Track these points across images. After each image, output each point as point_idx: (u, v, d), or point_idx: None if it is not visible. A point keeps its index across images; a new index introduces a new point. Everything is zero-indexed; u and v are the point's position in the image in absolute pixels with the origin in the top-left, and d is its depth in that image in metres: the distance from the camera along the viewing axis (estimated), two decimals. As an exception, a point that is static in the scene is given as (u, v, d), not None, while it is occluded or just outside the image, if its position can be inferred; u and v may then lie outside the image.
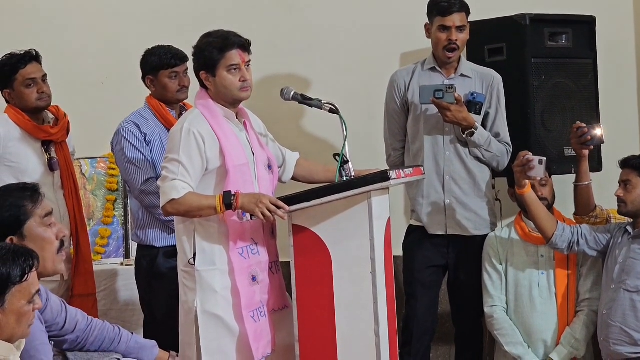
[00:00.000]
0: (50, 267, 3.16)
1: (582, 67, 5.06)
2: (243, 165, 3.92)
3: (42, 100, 4.65)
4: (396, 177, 3.86)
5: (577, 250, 4.47)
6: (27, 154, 4.64)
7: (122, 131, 4.60)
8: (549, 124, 4.93)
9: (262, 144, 4.09)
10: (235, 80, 3.92)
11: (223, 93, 3.94)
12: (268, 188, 4.03)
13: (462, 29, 4.63)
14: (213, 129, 3.88)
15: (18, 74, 4.60)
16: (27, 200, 3.13)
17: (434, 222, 4.72)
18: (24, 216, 3.11)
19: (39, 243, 3.11)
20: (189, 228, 3.91)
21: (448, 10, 4.58)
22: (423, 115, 4.71)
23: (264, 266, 3.98)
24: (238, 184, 3.86)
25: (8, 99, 4.67)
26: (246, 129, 4.05)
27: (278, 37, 5.52)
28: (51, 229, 3.17)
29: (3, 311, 2.71)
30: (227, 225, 3.87)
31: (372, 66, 5.44)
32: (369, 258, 3.83)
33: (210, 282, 3.88)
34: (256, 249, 3.95)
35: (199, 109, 3.94)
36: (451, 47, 4.63)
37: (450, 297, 4.93)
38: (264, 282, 3.98)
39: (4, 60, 4.65)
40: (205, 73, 3.93)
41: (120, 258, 5.39)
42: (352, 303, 3.86)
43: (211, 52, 3.90)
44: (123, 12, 5.67)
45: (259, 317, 3.93)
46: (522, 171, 4.36)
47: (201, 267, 3.88)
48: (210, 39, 3.94)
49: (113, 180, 5.47)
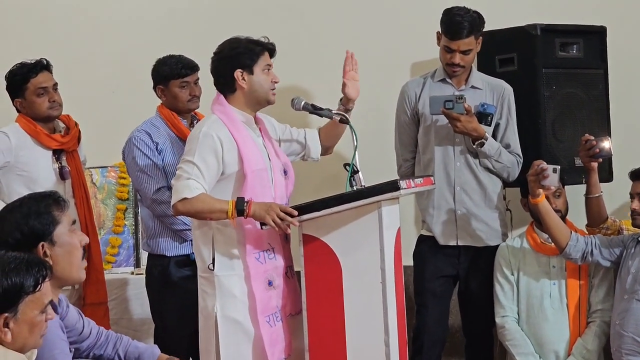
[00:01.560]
0: (75, 274, 3.17)
1: (593, 78, 5.05)
2: (261, 170, 3.93)
3: (54, 109, 4.66)
4: (406, 187, 3.86)
5: (590, 260, 4.46)
6: (38, 163, 4.65)
7: (133, 140, 4.61)
8: (559, 134, 4.92)
9: (277, 150, 4.11)
10: (269, 80, 3.97)
11: (257, 92, 3.96)
12: (283, 194, 4.05)
13: (468, 52, 4.62)
14: (232, 134, 3.89)
15: (29, 82, 4.62)
16: (52, 207, 3.14)
17: (445, 232, 4.72)
18: (53, 223, 3.12)
19: (68, 248, 3.13)
20: (207, 234, 3.92)
21: (455, 35, 4.57)
22: (433, 126, 4.71)
23: (279, 271, 4.00)
24: (256, 189, 3.87)
25: (19, 108, 4.68)
26: (262, 135, 4.07)
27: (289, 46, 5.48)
28: (75, 235, 3.18)
29: (16, 321, 2.72)
30: (244, 230, 3.88)
31: (383, 76, 5.44)
32: (379, 268, 3.83)
33: (230, 287, 3.89)
34: (272, 254, 3.97)
35: (216, 114, 3.95)
36: (453, 70, 4.64)
37: (460, 307, 4.92)
38: (279, 287, 3.99)
39: (15, 69, 4.67)
40: (242, 71, 3.93)
41: (131, 267, 5.41)
42: (362, 313, 3.85)
43: (252, 49, 3.94)
44: (134, 21, 5.69)
45: (275, 321, 3.94)
46: (536, 180, 4.35)
47: (220, 272, 3.89)
48: (242, 39, 3.99)
49: (124, 189, 5.48)
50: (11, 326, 2.71)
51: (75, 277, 3.20)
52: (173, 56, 4.68)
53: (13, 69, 4.68)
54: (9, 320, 2.70)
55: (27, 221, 3.09)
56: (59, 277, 2.94)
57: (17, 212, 3.11)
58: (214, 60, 4.01)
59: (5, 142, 4.60)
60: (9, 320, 2.70)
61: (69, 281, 3.16)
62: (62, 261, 3.01)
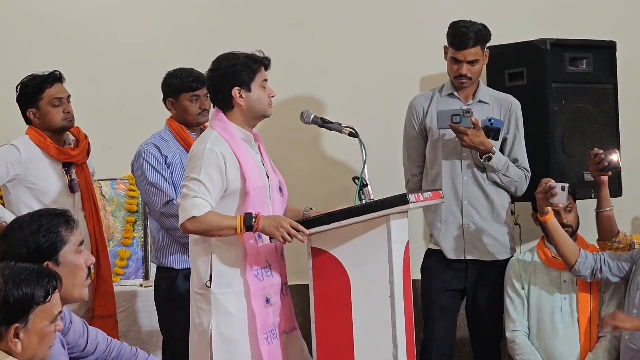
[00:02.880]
0: (77, 293, 3.16)
1: (602, 92, 5.06)
2: (261, 188, 3.93)
3: (67, 121, 4.68)
4: (415, 201, 3.85)
5: (600, 277, 4.45)
6: (48, 175, 4.66)
7: (142, 153, 4.61)
8: (569, 149, 4.92)
9: (274, 168, 4.11)
10: (266, 95, 3.96)
11: (256, 109, 3.95)
12: (280, 211, 4.05)
13: (475, 63, 4.63)
14: (234, 151, 3.89)
15: (45, 93, 4.64)
16: (61, 226, 3.13)
17: (453, 247, 4.72)
18: (60, 243, 3.11)
19: (72, 270, 3.12)
20: (207, 250, 3.90)
21: (461, 45, 4.59)
22: (441, 140, 4.71)
23: (276, 288, 3.99)
24: (256, 206, 3.86)
25: (32, 119, 4.68)
26: (260, 152, 4.07)
27: (298, 60, 5.54)
28: (82, 255, 3.18)
29: (26, 331, 2.72)
30: (244, 247, 3.87)
31: (392, 90, 5.45)
32: (387, 281, 3.82)
33: (226, 305, 3.87)
34: (270, 271, 3.96)
35: (217, 130, 3.94)
36: (460, 81, 4.65)
37: (468, 321, 4.91)
38: (276, 305, 3.98)
39: (28, 80, 4.68)
40: (240, 89, 3.92)
41: (140, 280, 5.40)
42: (371, 326, 3.84)
43: (249, 66, 3.92)
44: (144, 34, 5.70)
45: (272, 339, 3.92)
46: (545, 198, 4.35)
47: (217, 289, 3.88)
48: (239, 56, 3.96)
49: (133, 202, 5.49)
50: (21, 337, 2.71)
51: (77, 297, 3.19)
52: (184, 69, 4.69)
53: (25, 80, 4.68)
54: (20, 330, 2.70)
55: (35, 238, 3.08)
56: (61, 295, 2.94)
57: (27, 229, 3.10)
58: (211, 77, 4.00)
59: (15, 155, 4.61)
60: (20, 331, 2.70)
61: (71, 300, 3.16)
62: (65, 281, 3.00)
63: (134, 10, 5.74)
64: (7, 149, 4.62)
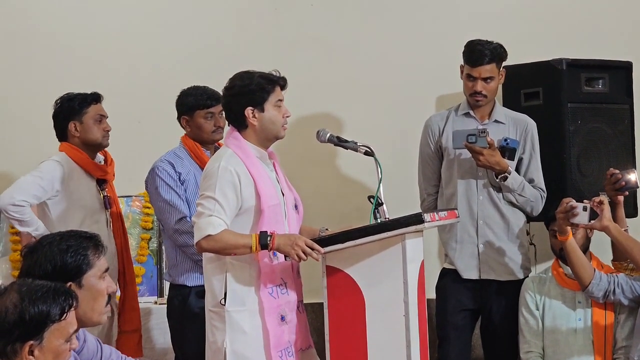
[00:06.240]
0: (96, 318, 3.16)
1: (618, 113, 5.06)
2: (276, 205, 3.93)
3: (105, 139, 4.72)
4: (430, 220, 3.85)
5: (612, 299, 4.43)
6: (86, 191, 4.68)
7: (156, 170, 4.62)
8: (584, 168, 4.91)
9: (289, 185, 4.11)
10: (280, 115, 3.95)
11: (269, 129, 3.95)
12: (295, 228, 4.04)
13: (490, 80, 4.63)
14: (248, 169, 3.89)
15: (90, 107, 4.68)
16: (90, 250, 3.13)
17: (468, 266, 4.71)
18: (86, 266, 3.10)
19: (93, 294, 3.11)
20: (221, 268, 3.90)
21: (476, 61, 4.60)
22: (457, 160, 4.71)
23: (292, 306, 3.98)
24: (271, 223, 3.86)
25: (72, 132, 4.68)
26: (275, 170, 4.07)
27: (314, 78, 5.55)
28: (104, 281, 3.18)
29: (41, 349, 2.71)
30: (258, 265, 3.87)
31: (408, 109, 5.46)
32: (402, 301, 3.81)
33: (240, 323, 3.87)
34: (285, 289, 3.95)
35: (231, 148, 3.94)
36: (475, 99, 4.65)
37: (483, 341, 4.90)
38: (292, 322, 3.97)
39: (73, 94, 4.70)
40: (253, 109, 3.91)
41: (154, 297, 5.40)
42: (385, 346, 3.83)
43: (263, 86, 3.91)
44: (160, 52, 5.73)
45: (287, 357, 3.91)
46: (565, 217, 4.33)
47: (231, 307, 3.87)
48: (253, 75, 3.95)
49: (148, 219, 5.50)
50: (36, 354, 2.70)
51: (95, 322, 3.19)
52: (198, 87, 4.70)
53: (68, 94, 4.71)
54: (34, 347, 2.70)
55: (62, 257, 3.07)
56: (78, 318, 2.94)
57: (55, 246, 3.10)
58: (225, 96, 4.01)
59: (60, 170, 4.60)
60: (34, 348, 2.70)
61: (88, 324, 3.15)
62: (85, 305, 3.01)
63: (151, 28, 5.77)
64: (52, 165, 4.61)
